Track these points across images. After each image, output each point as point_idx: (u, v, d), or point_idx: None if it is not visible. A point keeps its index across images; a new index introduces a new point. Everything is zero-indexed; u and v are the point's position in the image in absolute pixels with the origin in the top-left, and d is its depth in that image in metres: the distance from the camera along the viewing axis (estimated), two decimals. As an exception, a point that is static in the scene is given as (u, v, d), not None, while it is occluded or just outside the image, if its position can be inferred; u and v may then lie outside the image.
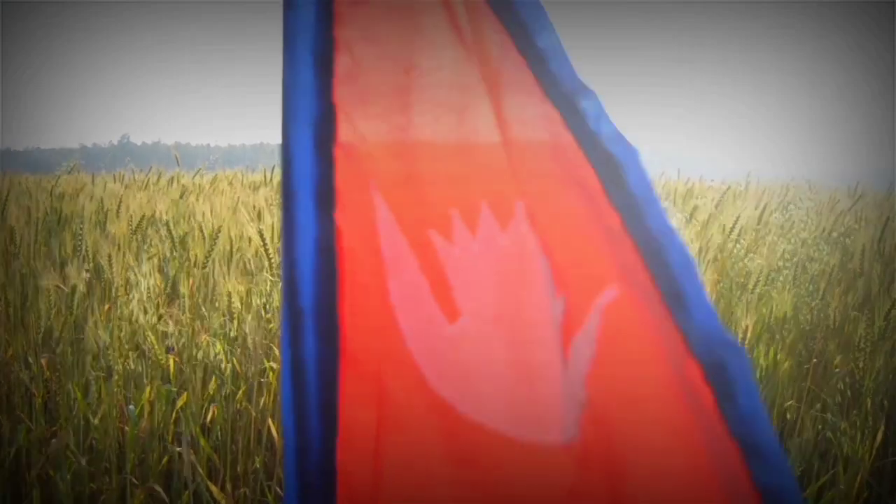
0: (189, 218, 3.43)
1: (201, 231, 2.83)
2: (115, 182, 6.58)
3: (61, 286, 2.41)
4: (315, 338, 0.70)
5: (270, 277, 2.09)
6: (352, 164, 0.67)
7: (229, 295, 1.95)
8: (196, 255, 2.98)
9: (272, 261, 1.97)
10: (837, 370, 2.48)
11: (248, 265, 2.53)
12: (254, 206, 3.88)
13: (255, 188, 5.96)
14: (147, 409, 2.31)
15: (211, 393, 2.43)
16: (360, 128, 0.67)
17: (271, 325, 2.57)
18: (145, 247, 2.84)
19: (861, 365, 2.26)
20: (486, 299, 0.69)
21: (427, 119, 0.69)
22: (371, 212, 0.68)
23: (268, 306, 2.32)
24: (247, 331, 1.94)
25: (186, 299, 2.40)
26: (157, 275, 2.80)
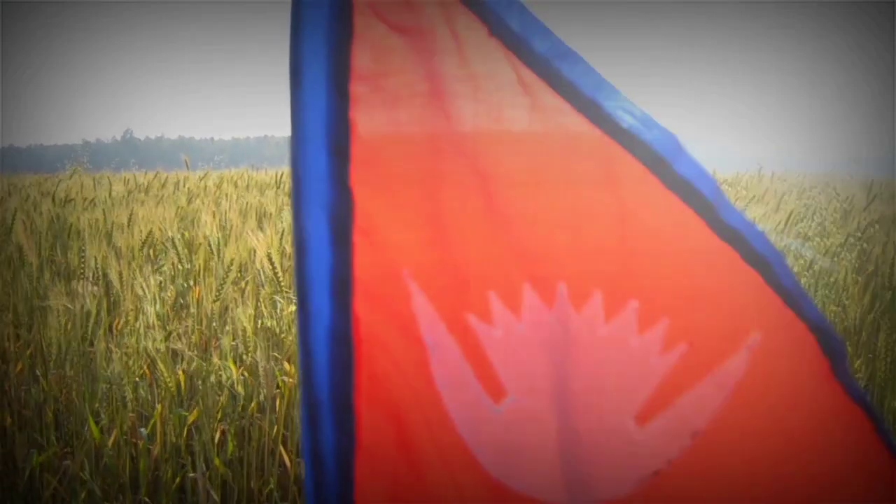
0: (196, 229, 3.40)
1: (209, 245, 2.81)
2: (119, 184, 6.56)
3: (69, 306, 2.39)
4: (332, 429, 0.68)
5: (281, 299, 2.07)
6: (377, 252, 0.65)
7: (244, 331, 1.92)
8: (201, 266, 2.96)
9: (282, 283, 1.95)
10: (859, 375, 2.44)
11: (258, 280, 2.50)
12: (261, 215, 3.86)
13: (261, 190, 5.95)
14: (159, 429, 2.29)
15: (223, 405, 2.42)
16: (384, 216, 0.65)
17: (283, 335, 2.55)
18: (154, 259, 2.81)
19: (881, 374, 2.22)
20: (533, 377, 0.69)
21: (455, 205, 0.66)
22: (407, 300, 0.66)
23: (280, 323, 2.30)
24: (258, 358, 1.91)
25: (195, 315, 2.37)
26: (168, 289, 2.79)
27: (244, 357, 2.09)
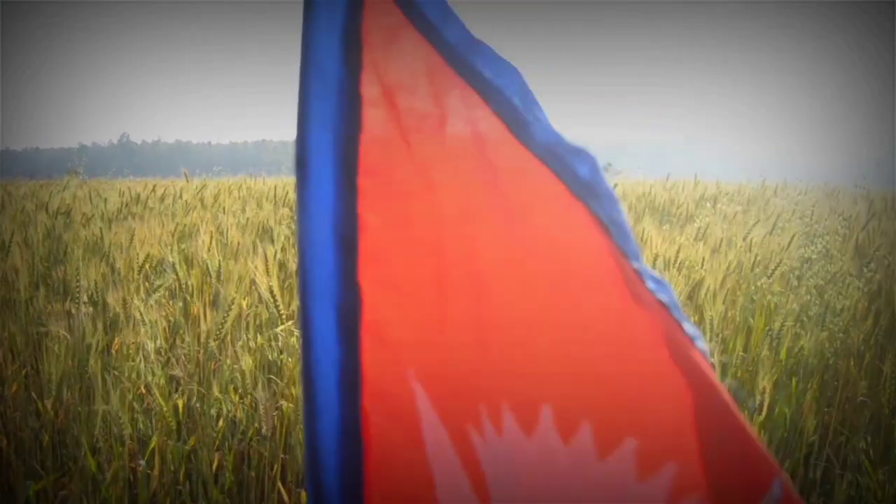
0: (195, 247, 3.37)
1: (207, 270, 2.78)
2: (115, 195, 6.50)
3: (66, 334, 2.36)
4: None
5: (282, 331, 2.04)
6: (385, 350, 0.63)
7: (243, 373, 1.90)
8: (199, 287, 2.93)
9: (283, 314, 1.92)
10: (862, 398, 2.43)
11: (258, 308, 2.47)
12: (261, 233, 3.83)
13: (259, 202, 5.91)
14: (157, 459, 2.26)
15: (222, 430, 2.39)
16: (391, 314, 0.62)
17: (282, 358, 2.52)
18: (151, 284, 2.78)
19: (888, 400, 2.20)
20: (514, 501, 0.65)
21: (461, 308, 0.63)
22: (412, 402, 0.64)
23: (281, 355, 2.27)
24: (258, 396, 1.89)
25: (192, 344, 2.35)
26: (165, 307, 2.76)
27: (244, 388, 2.06)
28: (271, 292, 1.82)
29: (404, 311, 0.63)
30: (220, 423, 2.37)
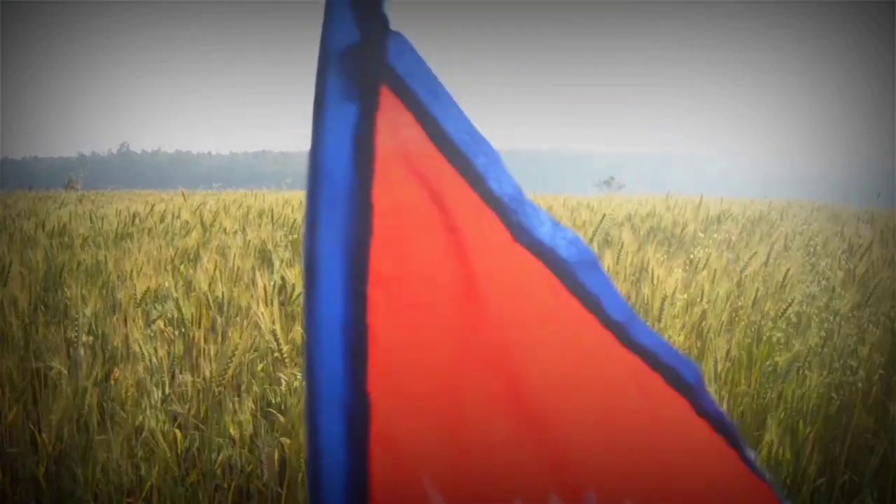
0: (195, 275, 3.35)
1: (207, 302, 2.77)
2: (114, 212, 6.48)
3: (64, 370, 2.34)
4: None
5: (285, 375, 2.03)
6: (394, 459, 0.61)
7: (241, 423, 1.87)
8: (198, 319, 2.92)
9: (286, 358, 1.90)
10: (867, 434, 2.41)
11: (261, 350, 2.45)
12: (262, 260, 3.81)
13: (260, 216, 5.88)
14: (156, 498, 2.24)
15: (220, 466, 2.36)
16: (403, 423, 0.61)
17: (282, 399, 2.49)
18: (151, 317, 2.76)
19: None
20: None
21: (481, 411, 0.62)
22: None
23: (284, 399, 2.25)
24: (259, 443, 1.86)
25: (195, 382, 2.33)
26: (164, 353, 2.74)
27: (243, 438, 2.04)
28: (275, 335, 1.80)
29: (418, 421, 0.61)
30: (220, 459, 2.35)
